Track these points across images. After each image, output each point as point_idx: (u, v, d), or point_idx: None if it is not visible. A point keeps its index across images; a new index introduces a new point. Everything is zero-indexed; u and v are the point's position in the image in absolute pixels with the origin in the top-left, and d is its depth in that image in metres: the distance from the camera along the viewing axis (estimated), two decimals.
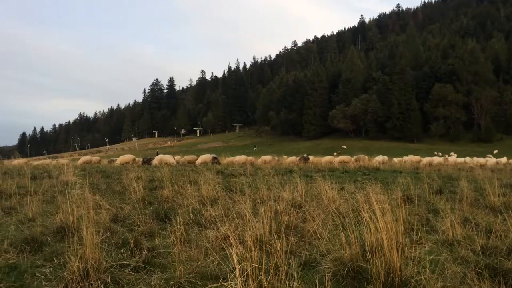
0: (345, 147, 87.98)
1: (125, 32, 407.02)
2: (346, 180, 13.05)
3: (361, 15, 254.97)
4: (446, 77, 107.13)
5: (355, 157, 31.92)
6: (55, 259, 4.71)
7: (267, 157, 33.19)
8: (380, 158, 29.70)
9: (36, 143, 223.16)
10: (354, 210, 6.77)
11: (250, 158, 33.41)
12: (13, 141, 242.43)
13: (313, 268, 4.68)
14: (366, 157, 32.13)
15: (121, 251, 5.06)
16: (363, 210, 6.06)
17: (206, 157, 29.77)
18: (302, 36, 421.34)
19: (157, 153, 41.74)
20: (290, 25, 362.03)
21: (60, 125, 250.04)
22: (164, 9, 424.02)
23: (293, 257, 4.74)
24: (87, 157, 32.17)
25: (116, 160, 29.00)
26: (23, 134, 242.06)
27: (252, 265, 3.68)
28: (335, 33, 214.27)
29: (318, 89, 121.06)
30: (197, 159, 28.33)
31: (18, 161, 26.43)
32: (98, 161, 29.87)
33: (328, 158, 34.11)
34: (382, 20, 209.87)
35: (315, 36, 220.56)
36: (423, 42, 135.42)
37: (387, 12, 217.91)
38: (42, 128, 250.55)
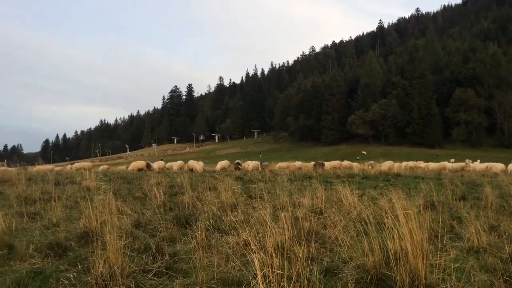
0: (364, 152, 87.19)
1: (144, 40, 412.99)
2: (366, 186, 12.92)
3: (380, 20, 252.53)
4: (467, 82, 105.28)
5: (369, 162, 31.73)
6: (79, 264, 4.77)
7: (284, 164, 33.16)
8: (387, 164, 29.47)
9: (59, 150, 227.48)
10: (375, 216, 6.68)
11: (265, 163, 33.42)
12: (36, 147, 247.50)
13: (336, 275, 4.63)
14: (376, 163, 31.70)
15: (143, 256, 5.10)
16: (386, 217, 6.00)
17: (224, 163, 29.96)
18: (320, 41, 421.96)
19: (161, 159, 42.20)
20: (307, 30, 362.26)
21: (82, 131, 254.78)
22: (181, 16, 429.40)
23: (315, 264, 4.70)
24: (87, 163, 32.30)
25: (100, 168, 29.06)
26: (46, 141, 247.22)
27: (274, 272, 3.66)
28: (353, 38, 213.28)
29: (336, 95, 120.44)
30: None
31: (39, 167, 26.96)
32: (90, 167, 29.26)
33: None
34: (402, 25, 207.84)
35: (333, 41, 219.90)
36: (443, 46, 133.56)
37: (406, 17, 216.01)
38: (65, 135, 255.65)
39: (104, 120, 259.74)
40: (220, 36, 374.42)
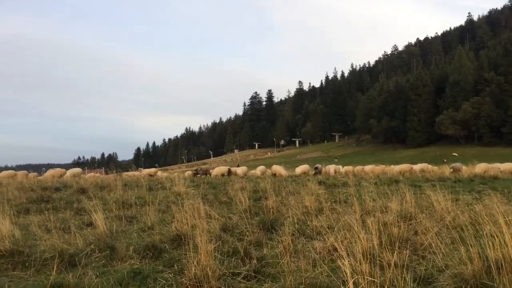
0: (456, 154, 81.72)
1: (220, 48, 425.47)
2: (460, 190, 12.12)
3: (469, 13, 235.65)
4: None
5: (452, 165, 29.28)
6: (174, 265, 5.03)
7: (370, 167, 32.26)
8: (482, 166, 26.76)
9: (149, 157, 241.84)
10: (472, 222, 6.25)
11: (349, 167, 32.78)
12: (129, 155, 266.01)
13: (430, 284, 4.40)
14: (463, 166, 29.18)
15: (232, 260, 5.23)
16: (484, 223, 5.58)
17: (305, 167, 29.87)
18: (403, 39, 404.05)
19: (238, 165, 43.18)
20: (389, 29, 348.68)
21: (169, 139, 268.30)
22: (258, 23, 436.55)
23: (407, 272, 4.51)
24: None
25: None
26: (138, 149, 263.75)
27: (366, 279, 3.57)
28: (439, 34, 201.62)
29: (422, 94, 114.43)
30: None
31: (133, 173, 29.02)
32: (154, 173, 30.55)
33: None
34: (493, 17, 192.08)
35: (417, 38, 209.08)
36: None
37: (499, 8, 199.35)
38: (154, 143, 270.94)
39: (189, 128, 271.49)
40: (298, 41, 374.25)
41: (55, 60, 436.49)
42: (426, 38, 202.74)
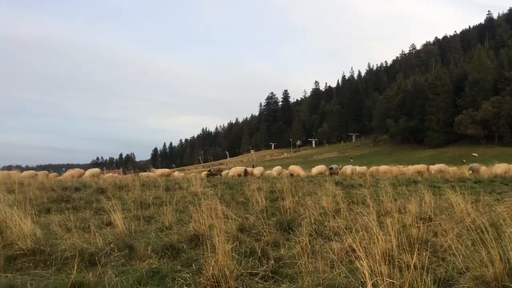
0: (476, 154, 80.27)
1: (237, 49, 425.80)
2: (480, 191, 11.91)
3: (488, 11, 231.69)
4: None
5: (470, 166, 28.64)
6: (193, 265, 5.07)
7: (384, 167, 31.94)
8: (503, 166, 26.03)
9: (166, 157, 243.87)
10: (493, 224, 6.14)
11: (363, 168, 32.51)
12: (147, 156, 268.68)
13: (451, 287, 4.34)
14: (482, 166, 28.49)
15: (249, 260, 5.24)
16: (505, 224, 5.49)
17: (321, 167, 29.73)
18: (420, 38, 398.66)
19: (252, 165, 43.34)
20: (406, 28, 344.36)
21: (186, 140, 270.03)
22: (274, 23, 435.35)
23: (427, 274, 4.45)
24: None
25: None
26: (155, 149, 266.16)
27: (385, 280, 3.54)
28: (458, 32, 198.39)
29: (441, 94, 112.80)
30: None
31: (147, 174, 29.34)
32: (168, 173, 30.60)
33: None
34: None
35: (436, 37, 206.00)
36: None
37: None
38: (171, 143, 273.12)
39: (206, 128, 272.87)
40: (314, 41, 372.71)
41: (76, 61, 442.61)
42: (445, 37, 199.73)
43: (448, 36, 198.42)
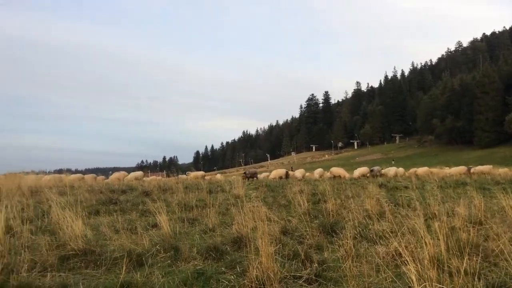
0: None
1: (276, 51, 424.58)
2: None
3: None
4: None
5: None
6: (236, 267, 5.11)
7: (423, 169, 30.91)
8: None
9: (208, 160, 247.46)
10: None
11: (400, 169, 31.61)
12: (189, 158, 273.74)
13: None
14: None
15: (293, 263, 5.23)
16: None
17: (363, 169, 29.19)
18: (467, 35, 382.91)
19: (291, 168, 42.83)
20: (452, 25, 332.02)
21: (227, 142, 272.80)
22: (314, 25, 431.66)
23: (478, 280, 4.28)
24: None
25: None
26: (197, 152, 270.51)
27: (434, 286, 3.43)
28: (507, 28, 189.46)
29: (489, 92, 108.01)
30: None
31: (185, 176, 29.98)
32: (201, 176, 30.37)
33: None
34: None
35: (483, 33, 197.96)
36: None
37: None
38: (212, 146, 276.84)
39: (246, 131, 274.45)
40: (355, 41, 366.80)
41: (116, 67, 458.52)
42: (493, 33, 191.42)
43: (497, 32, 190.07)
